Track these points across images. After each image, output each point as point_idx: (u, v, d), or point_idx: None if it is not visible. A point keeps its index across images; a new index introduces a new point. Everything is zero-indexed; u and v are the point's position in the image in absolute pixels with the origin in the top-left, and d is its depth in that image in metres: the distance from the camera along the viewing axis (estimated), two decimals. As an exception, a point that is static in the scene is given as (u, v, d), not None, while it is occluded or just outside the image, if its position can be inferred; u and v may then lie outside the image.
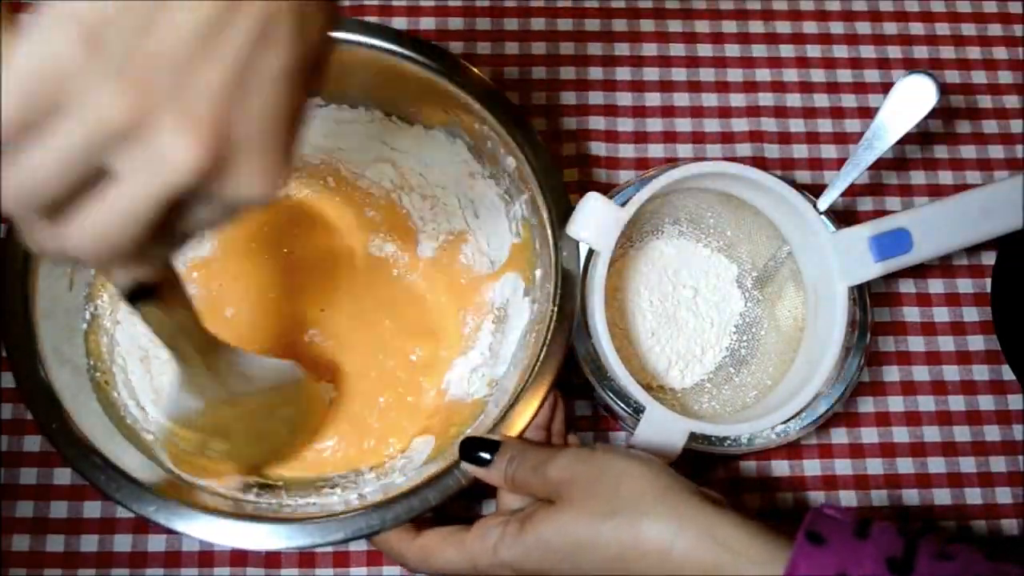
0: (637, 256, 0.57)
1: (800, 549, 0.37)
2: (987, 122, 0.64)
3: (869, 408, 0.58)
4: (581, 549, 0.40)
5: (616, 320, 0.55)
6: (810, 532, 0.38)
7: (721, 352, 0.56)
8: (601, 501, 0.40)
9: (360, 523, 0.45)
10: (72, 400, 0.47)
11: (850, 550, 0.37)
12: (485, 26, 0.64)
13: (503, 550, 0.42)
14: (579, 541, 0.40)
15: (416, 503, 0.45)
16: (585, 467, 0.42)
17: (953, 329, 0.60)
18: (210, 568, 0.52)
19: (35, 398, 0.46)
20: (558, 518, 0.41)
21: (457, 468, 0.46)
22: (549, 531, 0.41)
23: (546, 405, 0.47)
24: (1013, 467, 0.57)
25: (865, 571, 0.37)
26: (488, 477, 0.45)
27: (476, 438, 0.46)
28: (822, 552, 0.37)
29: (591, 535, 0.40)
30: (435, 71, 0.52)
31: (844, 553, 0.37)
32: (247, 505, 0.48)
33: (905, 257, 0.50)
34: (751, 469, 0.56)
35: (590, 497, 0.41)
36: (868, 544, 0.38)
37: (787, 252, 0.54)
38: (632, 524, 0.39)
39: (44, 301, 0.48)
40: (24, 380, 0.46)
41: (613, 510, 0.40)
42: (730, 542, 0.38)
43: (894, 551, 0.37)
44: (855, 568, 0.37)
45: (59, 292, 0.50)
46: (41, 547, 0.52)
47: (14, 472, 0.53)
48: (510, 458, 0.44)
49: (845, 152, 0.62)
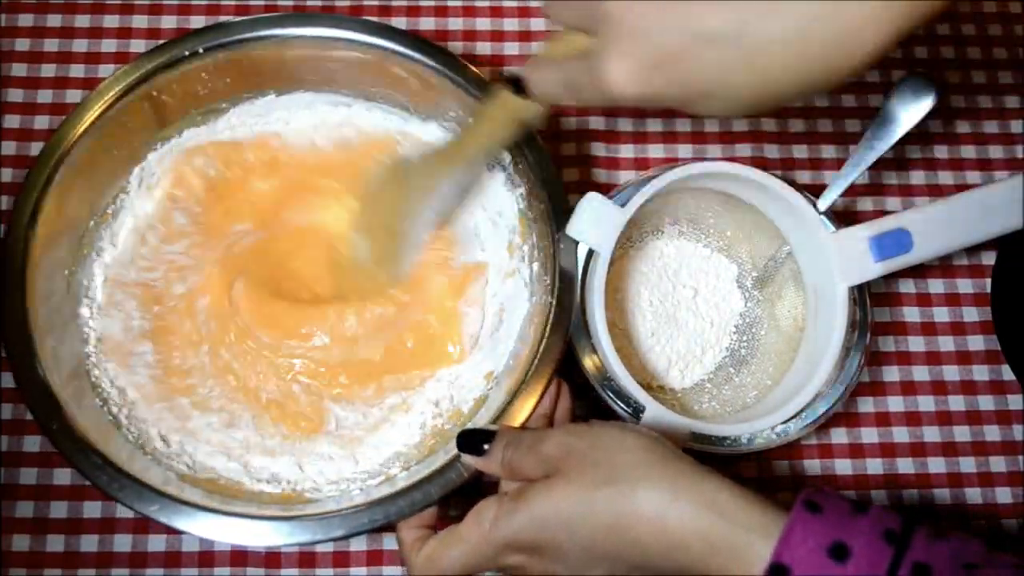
0: (637, 256, 0.57)
1: (797, 515, 0.37)
2: (987, 122, 0.64)
3: (869, 408, 0.58)
4: (577, 519, 0.40)
5: (616, 320, 0.55)
6: (808, 501, 0.38)
7: (721, 352, 0.56)
8: (595, 471, 0.40)
9: (362, 519, 0.45)
10: (72, 400, 0.47)
11: (847, 520, 0.37)
12: (485, 26, 0.64)
13: (500, 529, 0.41)
14: (574, 511, 0.40)
15: (419, 497, 0.46)
16: (579, 440, 0.42)
17: (953, 329, 0.60)
18: (210, 568, 0.52)
19: (35, 398, 0.46)
20: (552, 491, 0.41)
21: (459, 462, 0.46)
22: (543, 504, 0.40)
23: (548, 393, 0.48)
24: (1013, 467, 0.57)
25: (861, 540, 0.36)
26: (487, 466, 0.45)
27: (473, 429, 0.46)
28: (819, 520, 0.37)
29: (586, 505, 0.40)
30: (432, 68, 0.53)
31: (840, 523, 0.37)
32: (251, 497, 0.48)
33: (905, 257, 0.50)
34: (751, 469, 0.56)
35: (585, 468, 0.40)
36: (865, 518, 0.37)
37: (787, 252, 0.54)
38: (627, 492, 0.39)
39: (42, 301, 0.49)
40: (24, 380, 0.47)
41: (607, 479, 0.40)
42: (726, 509, 0.38)
43: (891, 524, 0.37)
44: (851, 537, 0.36)
45: (57, 293, 0.50)
46: (41, 547, 0.52)
47: (14, 472, 0.53)
48: (506, 444, 0.44)
49: (845, 152, 0.62)
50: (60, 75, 0.61)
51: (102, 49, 0.62)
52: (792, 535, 0.36)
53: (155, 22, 0.63)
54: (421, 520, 0.46)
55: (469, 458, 0.45)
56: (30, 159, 0.52)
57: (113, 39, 0.62)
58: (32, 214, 0.49)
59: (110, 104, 0.51)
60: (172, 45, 0.53)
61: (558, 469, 0.41)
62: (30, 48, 0.62)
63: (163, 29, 0.63)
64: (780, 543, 0.36)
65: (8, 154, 0.59)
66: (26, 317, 0.47)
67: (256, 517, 0.45)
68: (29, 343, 0.47)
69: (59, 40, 0.62)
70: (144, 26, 0.63)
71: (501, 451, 0.44)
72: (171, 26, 0.63)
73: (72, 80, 0.61)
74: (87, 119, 0.51)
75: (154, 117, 0.54)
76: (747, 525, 0.37)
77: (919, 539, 0.37)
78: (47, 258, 0.49)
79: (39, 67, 0.61)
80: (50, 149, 0.50)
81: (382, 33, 0.54)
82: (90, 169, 0.52)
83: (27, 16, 0.62)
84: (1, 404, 0.54)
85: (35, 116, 0.60)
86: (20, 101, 0.60)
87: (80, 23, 0.62)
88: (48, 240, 0.49)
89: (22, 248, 0.48)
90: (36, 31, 0.62)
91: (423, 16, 0.64)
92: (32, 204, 0.49)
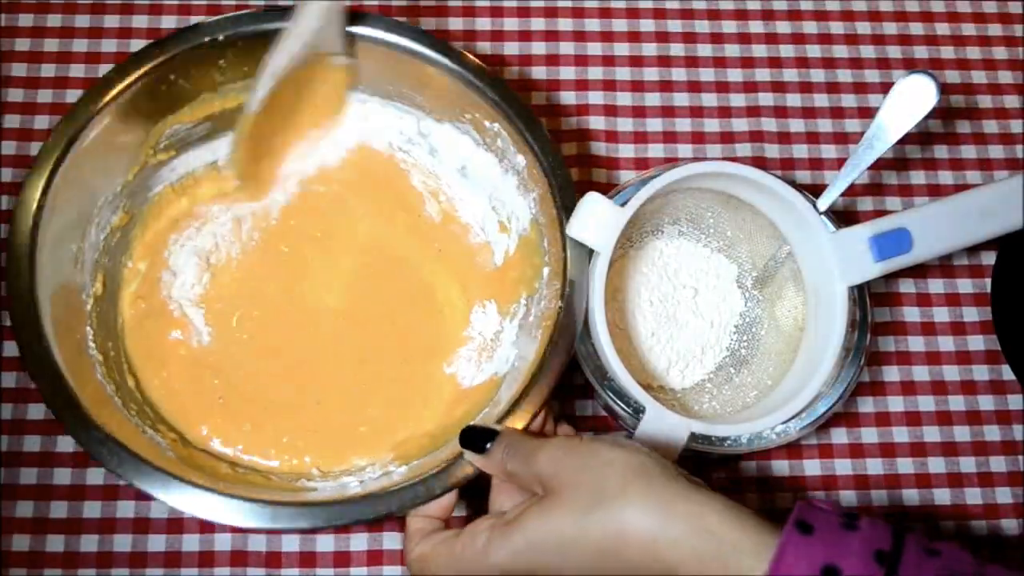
0: (637, 256, 0.57)
1: (788, 537, 0.37)
2: (987, 122, 0.64)
3: (869, 408, 0.58)
4: (569, 543, 0.40)
5: (616, 320, 0.55)
6: (799, 521, 0.38)
7: (721, 352, 0.56)
8: (586, 493, 0.40)
9: (365, 508, 0.45)
10: (76, 376, 0.47)
11: (838, 540, 0.37)
12: (485, 26, 0.64)
13: (493, 553, 0.42)
14: (567, 536, 0.40)
15: (421, 490, 0.46)
16: (570, 458, 0.42)
17: (953, 329, 0.60)
18: (210, 568, 0.52)
19: (40, 373, 0.46)
20: (544, 517, 0.41)
21: (462, 457, 0.46)
22: (536, 530, 0.41)
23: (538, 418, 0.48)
24: (1013, 467, 0.57)
25: (852, 562, 0.36)
26: (486, 466, 0.46)
27: (476, 427, 0.46)
28: (809, 541, 0.37)
29: (577, 529, 0.40)
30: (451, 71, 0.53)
31: (832, 543, 0.37)
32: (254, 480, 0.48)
33: (905, 257, 0.50)
34: (751, 469, 0.56)
35: (575, 490, 0.41)
36: (856, 536, 0.38)
37: (787, 252, 0.54)
38: (617, 515, 0.39)
39: (48, 278, 0.48)
40: (29, 355, 0.46)
41: (598, 502, 0.40)
42: (718, 530, 0.38)
43: (882, 544, 0.37)
44: (842, 558, 0.37)
45: (65, 269, 0.50)
46: (41, 547, 0.52)
47: (14, 472, 0.53)
48: (505, 447, 0.45)
49: (845, 152, 0.62)
50: (60, 75, 0.61)
51: (102, 49, 0.62)
52: (783, 560, 0.37)
53: (155, 22, 0.63)
54: (431, 511, 0.46)
55: (470, 455, 0.46)
56: (30, 159, 0.52)
57: (113, 39, 0.62)
58: (41, 194, 0.48)
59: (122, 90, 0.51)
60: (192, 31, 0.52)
61: (551, 489, 0.42)
62: (30, 48, 0.62)
63: (163, 29, 0.63)
64: (772, 568, 0.36)
65: (8, 154, 0.59)
66: (31, 293, 0.47)
67: (258, 501, 0.45)
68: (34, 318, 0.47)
69: (59, 40, 0.62)
70: (144, 26, 0.63)
71: (501, 454, 0.45)
72: (171, 26, 0.63)
73: (72, 80, 0.61)
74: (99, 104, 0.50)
75: (167, 102, 0.53)
76: (739, 546, 0.38)
77: (909, 557, 0.37)
78: (54, 239, 0.49)
79: (39, 67, 0.61)
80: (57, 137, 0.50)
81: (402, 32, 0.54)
82: (101, 153, 0.51)
83: (27, 16, 0.62)
84: (1, 404, 0.54)
85: (35, 116, 0.60)
86: (20, 101, 0.60)
87: (80, 23, 0.62)
88: (55, 221, 0.49)
89: (29, 230, 0.48)
90: (36, 31, 0.62)
91: (423, 16, 0.64)
92: (41, 185, 0.48)
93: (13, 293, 0.47)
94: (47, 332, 0.47)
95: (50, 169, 0.49)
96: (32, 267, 0.47)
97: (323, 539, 0.53)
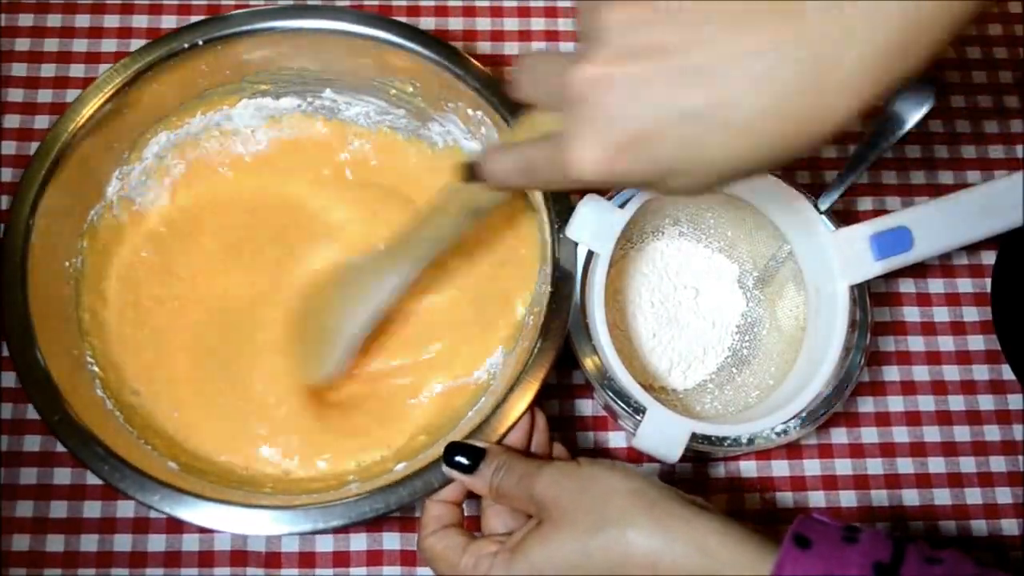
0: (638, 257, 0.57)
1: (787, 553, 0.38)
2: (987, 122, 0.64)
3: (869, 408, 0.58)
4: (572, 569, 0.40)
5: (617, 321, 0.55)
6: (797, 535, 0.38)
7: (723, 352, 0.56)
8: (588, 518, 0.41)
9: (364, 507, 0.45)
10: (73, 391, 0.47)
11: (837, 554, 0.38)
12: (485, 26, 0.64)
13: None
14: (569, 562, 0.40)
15: (420, 485, 0.46)
16: (570, 483, 0.42)
17: (953, 329, 0.60)
18: (210, 568, 0.52)
19: (36, 390, 0.46)
20: (546, 542, 0.41)
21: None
22: (539, 556, 0.41)
23: (522, 424, 0.47)
24: (1013, 467, 0.57)
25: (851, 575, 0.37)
26: (473, 484, 0.45)
27: (460, 443, 0.45)
28: (808, 556, 0.37)
29: (580, 554, 0.40)
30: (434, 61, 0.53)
31: (830, 557, 0.37)
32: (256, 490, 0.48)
33: (905, 255, 0.50)
34: (751, 469, 0.56)
35: (576, 514, 0.41)
36: (855, 549, 0.38)
37: (787, 252, 0.54)
38: (619, 538, 0.40)
39: (42, 292, 0.48)
40: (25, 371, 0.46)
41: (600, 525, 0.40)
42: (717, 551, 0.39)
43: (882, 556, 0.37)
44: (840, 572, 0.37)
45: (57, 283, 0.50)
46: (41, 547, 0.52)
47: (14, 472, 0.53)
48: (496, 467, 0.44)
49: (845, 152, 0.62)
50: (60, 75, 0.61)
51: (102, 49, 0.62)
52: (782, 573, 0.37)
53: (155, 22, 0.63)
54: (446, 495, 0.46)
55: (455, 473, 0.45)
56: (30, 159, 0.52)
57: (113, 39, 0.62)
58: (32, 205, 0.49)
59: (108, 97, 0.51)
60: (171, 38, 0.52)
61: (550, 515, 0.42)
62: (30, 48, 0.62)
63: (163, 29, 0.62)
64: None
65: (8, 154, 0.59)
66: (25, 308, 0.47)
67: (257, 506, 0.45)
68: (28, 334, 0.47)
69: (59, 40, 0.62)
70: (144, 26, 0.63)
71: (491, 474, 0.44)
72: (171, 26, 0.63)
73: (72, 80, 0.61)
74: (85, 113, 0.50)
75: (153, 109, 0.54)
76: (739, 565, 0.38)
77: (909, 568, 0.37)
78: (47, 250, 0.49)
79: (39, 67, 0.61)
80: (49, 142, 0.50)
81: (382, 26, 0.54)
82: (90, 161, 0.52)
83: (27, 16, 0.62)
84: (1, 404, 0.54)
85: (35, 116, 0.60)
86: (20, 101, 0.60)
87: (80, 23, 0.62)
88: (48, 232, 0.49)
89: (22, 241, 0.48)
90: (36, 31, 0.62)
91: (423, 16, 0.64)
92: (32, 196, 0.49)
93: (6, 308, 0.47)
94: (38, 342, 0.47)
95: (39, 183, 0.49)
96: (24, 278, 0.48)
97: (322, 539, 0.53)
